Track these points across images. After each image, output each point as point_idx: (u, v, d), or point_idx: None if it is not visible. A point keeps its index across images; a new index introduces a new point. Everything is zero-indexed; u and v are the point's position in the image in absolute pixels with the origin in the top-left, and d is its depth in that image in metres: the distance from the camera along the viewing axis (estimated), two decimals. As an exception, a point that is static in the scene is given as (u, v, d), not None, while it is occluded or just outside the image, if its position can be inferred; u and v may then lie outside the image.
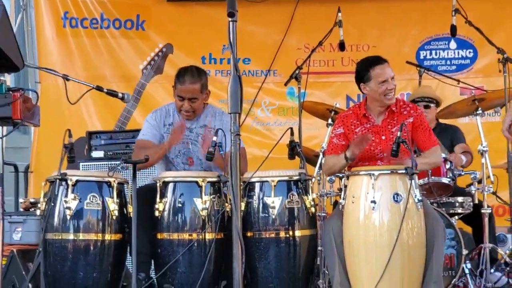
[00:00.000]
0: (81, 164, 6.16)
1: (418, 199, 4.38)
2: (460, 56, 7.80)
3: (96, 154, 6.29)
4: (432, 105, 6.28)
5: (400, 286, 4.30)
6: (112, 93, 4.78)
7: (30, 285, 4.81)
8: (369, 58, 5.13)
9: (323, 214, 5.73)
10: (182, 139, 5.12)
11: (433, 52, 7.83)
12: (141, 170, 5.95)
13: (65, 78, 4.70)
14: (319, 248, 5.18)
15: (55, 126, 6.78)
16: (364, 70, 5.02)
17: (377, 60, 5.03)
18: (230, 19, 3.59)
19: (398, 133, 4.61)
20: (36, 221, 5.44)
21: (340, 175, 5.02)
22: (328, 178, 5.52)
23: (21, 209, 6.19)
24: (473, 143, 6.22)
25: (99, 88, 4.80)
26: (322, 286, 5.32)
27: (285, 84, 6.67)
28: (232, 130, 3.58)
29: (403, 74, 7.42)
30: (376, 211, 4.36)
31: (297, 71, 6.36)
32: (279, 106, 7.93)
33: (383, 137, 5.01)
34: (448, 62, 7.81)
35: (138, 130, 5.53)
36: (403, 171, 4.42)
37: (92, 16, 7.83)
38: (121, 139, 6.31)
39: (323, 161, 5.54)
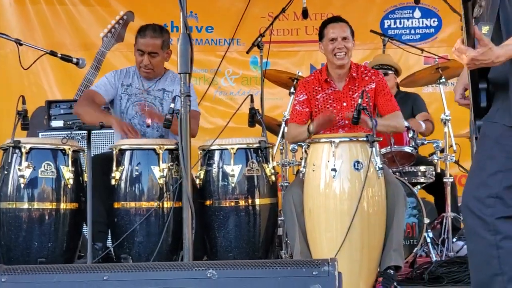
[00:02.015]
0: (40, 134, 6.08)
1: (378, 167, 4.33)
2: (424, 25, 7.76)
3: (56, 123, 6.19)
4: (390, 72, 6.22)
5: (360, 254, 4.27)
6: (66, 58, 4.67)
7: (-16, 256, 4.70)
8: (329, 17, 5.12)
9: (285, 184, 5.68)
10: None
11: (397, 21, 7.77)
12: (99, 138, 5.87)
13: (18, 42, 4.59)
14: (281, 218, 5.13)
15: (14, 96, 6.60)
16: (321, 28, 5.05)
17: (332, 19, 5.07)
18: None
19: (359, 100, 4.55)
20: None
21: (302, 144, 4.96)
22: (290, 147, 5.46)
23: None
24: (436, 112, 6.20)
25: (53, 53, 4.68)
26: (284, 256, 5.28)
27: (247, 52, 6.57)
28: (182, 91, 3.49)
29: (367, 43, 7.38)
30: (336, 179, 4.30)
31: (259, 39, 6.27)
32: (243, 76, 7.85)
33: (345, 104, 4.96)
34: (412, 31, 7.77)
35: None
36: (364, 139, 4.36)
37: (51, -18, 7.66)
38: (81, 108, 6.18)
39: (285, 130, 5.47)
